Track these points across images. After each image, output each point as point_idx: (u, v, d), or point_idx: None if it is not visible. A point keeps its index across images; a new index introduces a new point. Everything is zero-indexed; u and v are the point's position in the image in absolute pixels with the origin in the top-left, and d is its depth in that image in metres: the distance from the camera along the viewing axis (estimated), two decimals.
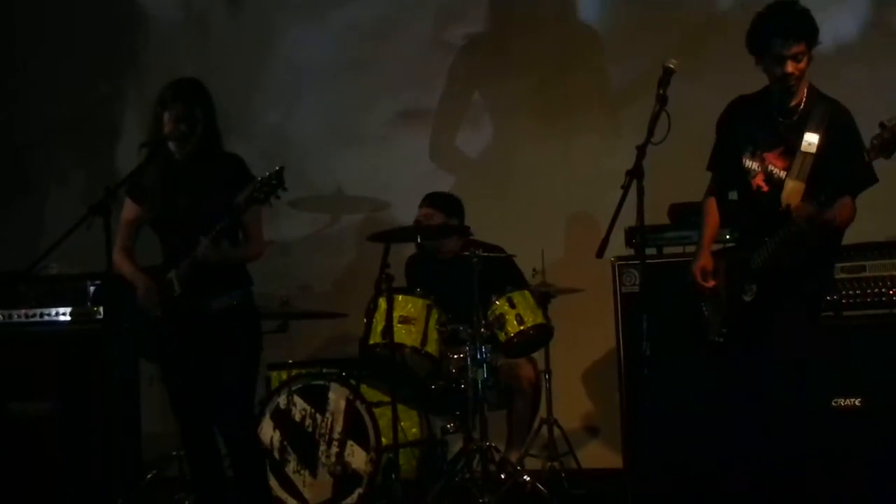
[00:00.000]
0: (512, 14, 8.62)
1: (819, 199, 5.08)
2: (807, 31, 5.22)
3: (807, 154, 5.25)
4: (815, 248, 5.26)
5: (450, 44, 8.69)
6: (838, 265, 6.31)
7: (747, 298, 5.27)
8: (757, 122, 5.39)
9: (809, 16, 5.25)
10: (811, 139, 5.25)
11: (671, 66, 5.21)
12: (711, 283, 5.41)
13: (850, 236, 6.21)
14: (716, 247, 5.60)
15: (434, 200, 7.46)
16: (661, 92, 5.18)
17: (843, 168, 5.13)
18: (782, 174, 5.30)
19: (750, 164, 5.37)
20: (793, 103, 5.33)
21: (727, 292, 5.38)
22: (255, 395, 5.79)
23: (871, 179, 5.18)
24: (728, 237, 5.96)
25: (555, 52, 8.44)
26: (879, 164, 5.01)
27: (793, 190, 5.24)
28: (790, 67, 5.21)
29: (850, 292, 6.34)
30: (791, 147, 5.29)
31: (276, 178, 5.32)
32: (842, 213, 5.16)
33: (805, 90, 5.34)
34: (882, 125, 4.92)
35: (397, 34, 8.77)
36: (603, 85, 8.34)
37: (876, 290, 6.31)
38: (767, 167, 5.33)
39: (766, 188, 5.34)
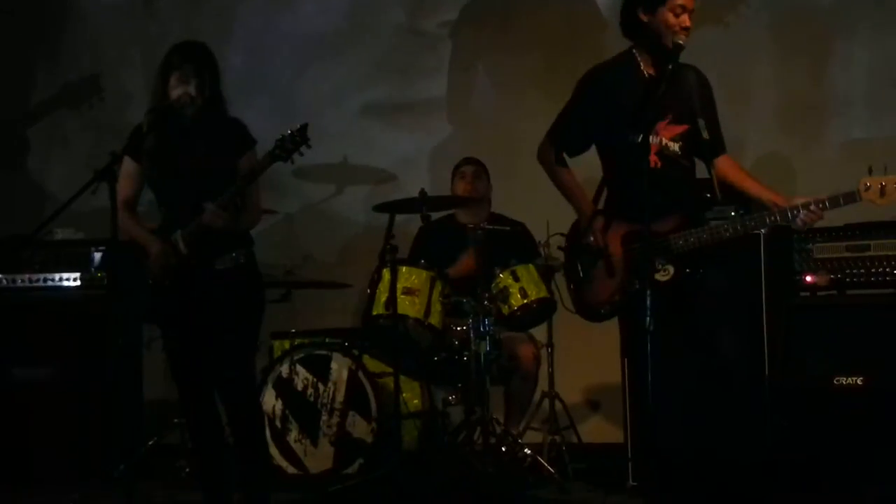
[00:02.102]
0: None
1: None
2: None
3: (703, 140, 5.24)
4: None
5: (462, 14, 8.67)
6: (842, 244, 6.33)
7: (660, 278, 5.15)
8: (636, 91, 5.21)
9: None
10: (702, 124, 5.20)
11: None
12: (609, 247, 5.33)
13: (856, 215, 6.24)
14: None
15: (478, 161, 7.59)
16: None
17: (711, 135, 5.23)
18: (673, 146, 5.23)
19: (636, 138, 5.11)
20: (655, 69, 5.26)
21: (626, 263, 5.27)
22: (255, 357, 5.77)
23: (721, 149, 5.32)
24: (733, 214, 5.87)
25: (560, 28, 8.40)
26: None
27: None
28: (687, 19, 5.15)
29: (855, 271, 6.33)
30: (678, 116, 5.22)
31: (299, 135, 5.31)
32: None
33: None
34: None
35: (411, 7, 8.78)
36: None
37: (880, 269, 6.30)
38: (661, 140, 5.22)
39: (660, 164, 5.21)
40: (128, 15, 9.19)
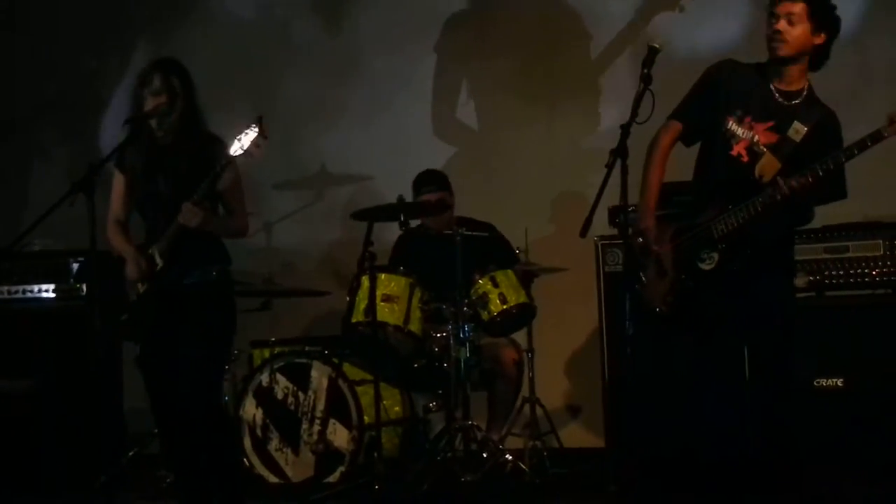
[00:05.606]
0: None
1: (804, 175, 5.04)
2: None
3: (790, 140, 5.22)
4: (783, 223, 5.28)
5: (437, 20, 8.66)
6: (821, 245, 6.36)
7: (706, 267, 5.22)
8: (754, 89, 5.30)
9: None
10: (799, 128, 5.21)
11: (656, 45, 5.18)
12: (658, 248, 5.32)
13: (834, 216, 6.25)
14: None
15: (440, 182, 7.41)
16: (645, 71, 5.16)
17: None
18: (763, 150, 5.25)
19: (736, 128, 5.27)
20: (794, 88, 5.27)
21: (675, 259, 5.29)
22: (223, 376, 5.66)
23: (841, 194, 5.26)
24: None
25: (538, 32, 8.41)
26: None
27: (767, 164, 5.22)
28: (780, 24, 5.16)
29: (833, 272, 6.35)
30: (780, 127, 5.25)
31: (255, 127, 5.31)
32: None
33: (806, 85, 5.30)
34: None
35: (386, 13, 8.77)
36: (586, 64, 8.32)
37: (858, 271, 6.32)
38: (754, 137, 5.26)
39: (745, 158, 5.27)
40: None
